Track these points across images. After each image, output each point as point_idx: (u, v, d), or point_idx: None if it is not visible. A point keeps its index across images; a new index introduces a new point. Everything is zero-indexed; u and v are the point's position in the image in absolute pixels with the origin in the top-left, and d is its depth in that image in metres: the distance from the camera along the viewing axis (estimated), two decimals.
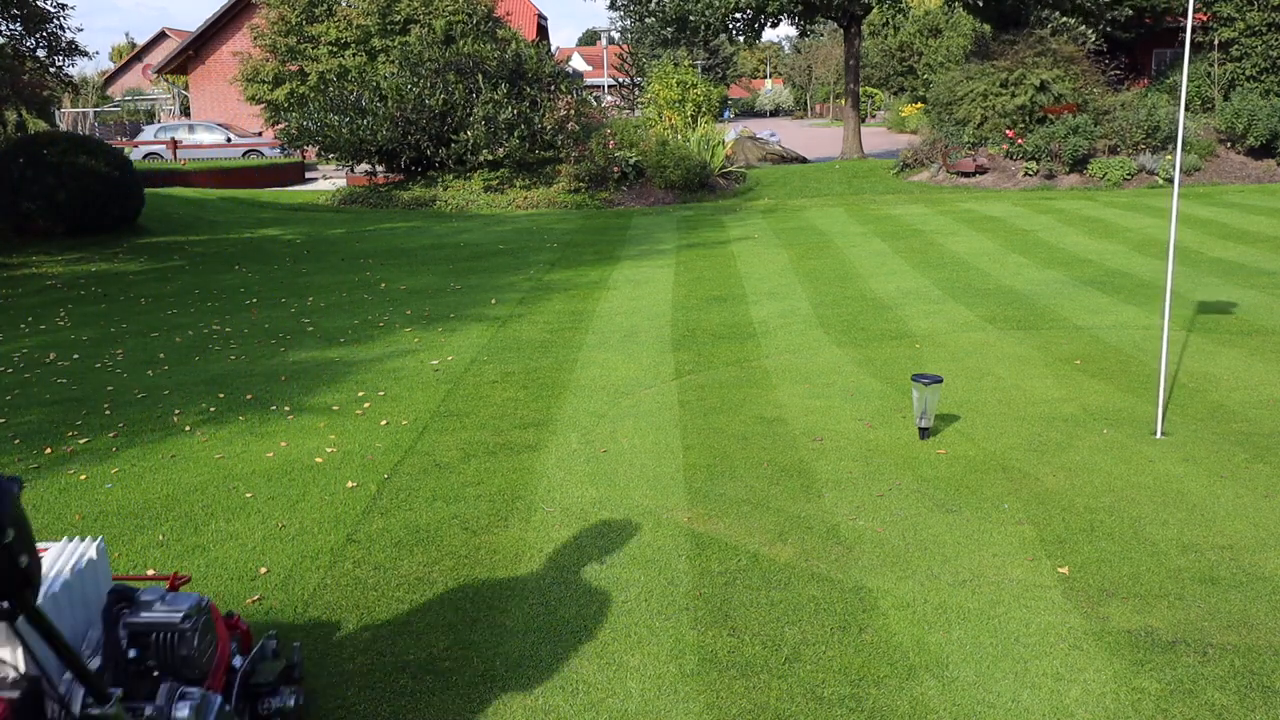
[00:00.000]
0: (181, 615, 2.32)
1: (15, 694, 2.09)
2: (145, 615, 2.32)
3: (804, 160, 25.50)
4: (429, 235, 13.91)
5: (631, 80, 41.38)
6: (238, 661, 2.63)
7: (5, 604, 1.89)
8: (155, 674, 2.31)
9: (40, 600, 2.08)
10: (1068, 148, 17.47)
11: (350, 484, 4.46)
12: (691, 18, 22.93)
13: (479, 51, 18.66)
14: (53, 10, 15.12)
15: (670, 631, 3.15)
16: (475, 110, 17.87)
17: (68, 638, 2.15)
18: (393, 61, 21.00)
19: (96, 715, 2.08)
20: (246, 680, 2.62)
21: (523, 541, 3.83)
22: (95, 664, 2.26)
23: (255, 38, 25.42)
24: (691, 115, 23.39)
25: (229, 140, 31.30)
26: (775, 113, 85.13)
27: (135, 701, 2.22)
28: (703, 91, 24.60)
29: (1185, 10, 21.12)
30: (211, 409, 5.69)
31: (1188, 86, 20.61)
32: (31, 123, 16.84)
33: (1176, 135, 4.85)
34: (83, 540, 2.39)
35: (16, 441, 5.18)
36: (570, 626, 3.19)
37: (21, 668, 2.13)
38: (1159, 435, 4.84)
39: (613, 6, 24.94)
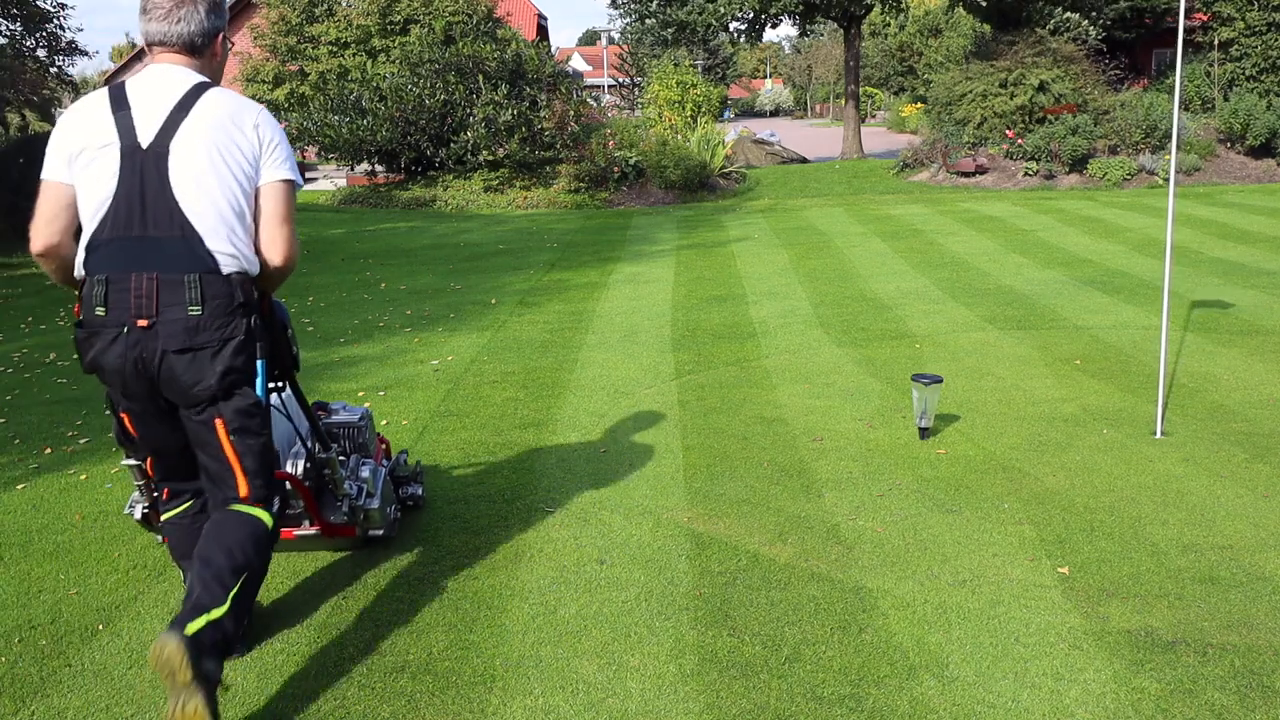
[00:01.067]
0: (358, 417, 3.72)
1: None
2: (335, 417, 3.70)
3: (804, 160, 25.50)
4: (429, 235, 13.92)
5: (631, 80, 41.38)
6: (385, 463, 3.84)
7: (281, 383, 3.12)
8: (342, 457, 3.53)
9: (275, 407, 3.26)
10: (1067, 148, 17.47)
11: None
12: (698, 25, 22.96)
13: (479, 52, 18.66)
14: (53, 10, 15.13)
15: (670, 631, 3.15)
16: (475, 111, 17.87)
17: (288, 431, 3.41)
18: (393, 61, 21.00)
19: (324, 458, 3.35)
20: (392, 472, 3.88)
21: (523, 541, 3.83)
22: (297, 453, 3.45)
23: (255, 38, 25.41)
24: (691, 115, 23.40)
25: None
26: (775, 113, 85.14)
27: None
28: (702, 92, 24.62)
29: (1187, 9, 21.17)
30: None
31: (1188, 86, 20.65)
32: (34, 123, 16.84)
33: (1172, 135, 4.85)
34: None
35: (16, 441, 5.18)
36: (570, 626, 3.19)
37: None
38: (1159, 435, 4.84)
39: (613, 6, 24.94)
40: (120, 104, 2.71)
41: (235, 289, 2.71)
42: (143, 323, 2.64)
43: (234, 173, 2.71)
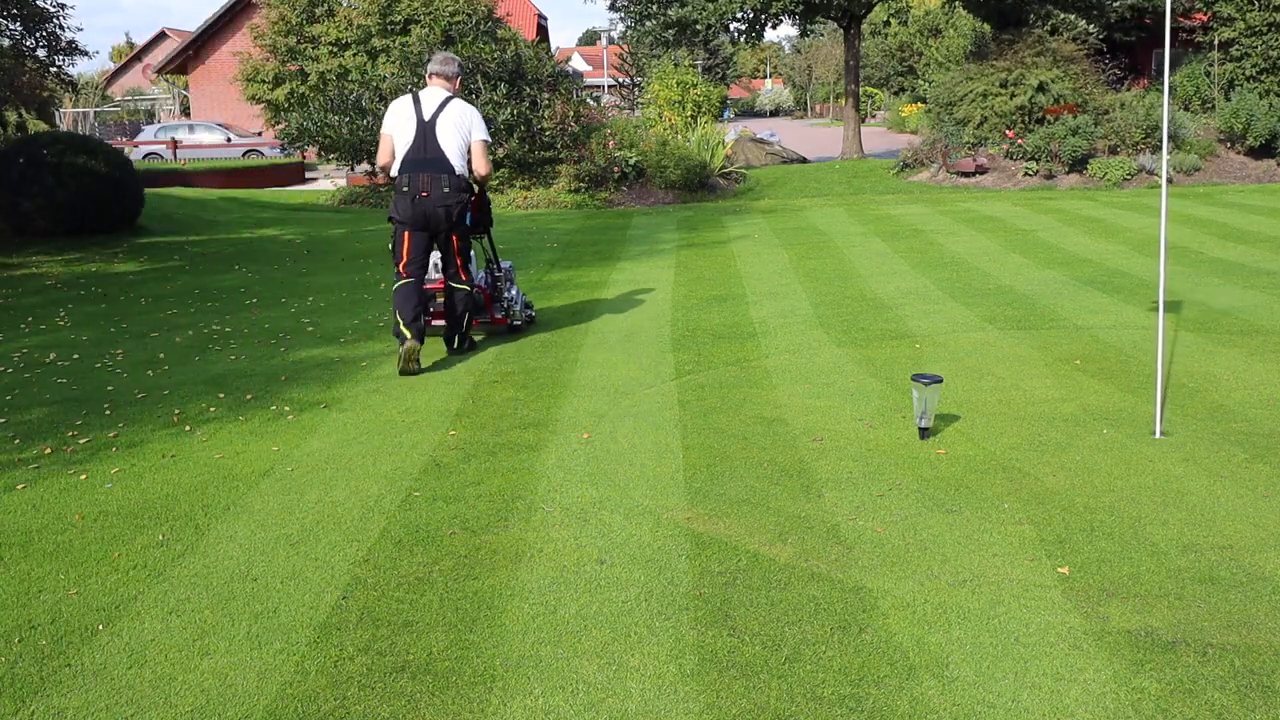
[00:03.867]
0: (509, 265, 7.60)
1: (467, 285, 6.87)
2: (501, 265, 7.40)
3: (804, 160, 25.49)
4: None
5: (631, 80, 41.37)
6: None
7: (484, 233, 7.23)
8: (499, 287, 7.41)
9: (482, 248, 7.50)
10: (1067, 148, 17.46)
11: (350, 484, 4.46)
12: (698, 25, 22.92)
13: (479, 52, 18.65)
14: (53, 10, 15.10)
15: (670, 631, 3.15)
16: None
17: (475, 269, 7.13)
18: (393, 62, 20.98)
19: (498, 274, 7.37)
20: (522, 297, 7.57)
21: (523, 541, 3.83)
22: (482, 276, 7.38)
23: (255, 38, 25.38)
24: (691, 115, 23.39)
25: (229, 140, 31.28)
26: (775, 113, 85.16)
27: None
28: (703, 92, 24.61)
29: (1187, 9, 21.17)
30: (211, 409, 5.69)
31: (1187, 86, 20.64)
32: (32, 123, 16.82)
33: (1163, 132, 4.86)
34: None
35: (17, 441, 5.18)
36: (570, 626, 3.19)
37: (480, 272, 7.45)
38: (1158, 435, 4.84)
39: (613, 7, 24.93)
40: (417, 102, 6.44)
41: (461, 181, 6.44)
42: (424, 194, 6.34)
43: (461, 134, 6.43)
